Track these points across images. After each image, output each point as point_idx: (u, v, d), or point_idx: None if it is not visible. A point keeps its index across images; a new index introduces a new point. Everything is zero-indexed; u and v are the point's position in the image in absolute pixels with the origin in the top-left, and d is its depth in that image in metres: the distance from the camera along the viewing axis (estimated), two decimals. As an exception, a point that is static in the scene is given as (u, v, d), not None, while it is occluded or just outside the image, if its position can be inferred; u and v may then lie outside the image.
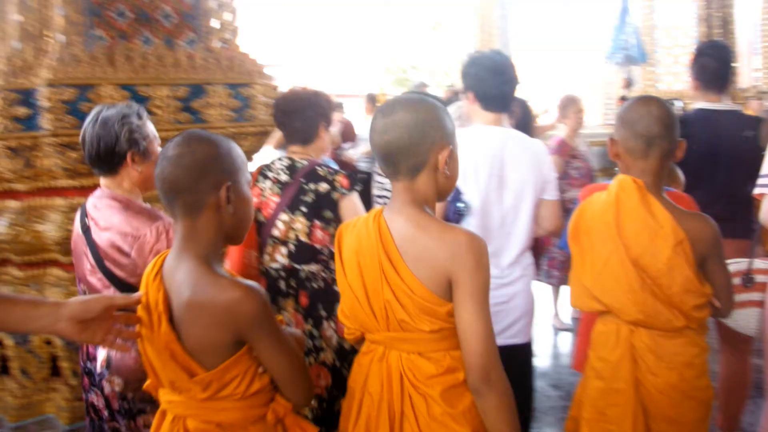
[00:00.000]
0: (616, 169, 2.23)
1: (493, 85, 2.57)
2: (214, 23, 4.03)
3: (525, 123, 4.33)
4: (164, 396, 1.64)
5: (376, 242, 1.64)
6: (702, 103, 3.38)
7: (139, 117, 2.25)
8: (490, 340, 1.58)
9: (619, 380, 2.07)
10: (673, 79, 7.59)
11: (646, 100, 2.15)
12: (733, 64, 3.40)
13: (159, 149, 2.29)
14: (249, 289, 1.53)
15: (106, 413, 2.24)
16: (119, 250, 2.15)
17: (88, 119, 2.24)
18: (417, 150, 1.62)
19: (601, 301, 2.09)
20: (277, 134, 5.35)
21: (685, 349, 2.07)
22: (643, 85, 7.40)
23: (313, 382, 1.71)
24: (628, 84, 6.15)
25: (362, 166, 7.03)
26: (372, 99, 8.21)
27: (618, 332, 2.09)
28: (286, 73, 14.69)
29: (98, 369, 2.21)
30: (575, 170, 5.08)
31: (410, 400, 1.64)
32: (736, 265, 2.69)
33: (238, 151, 1.65)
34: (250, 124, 3.94)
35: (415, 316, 1.61)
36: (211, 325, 1.52)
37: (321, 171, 2.75)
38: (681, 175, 2.70)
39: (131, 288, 2.09)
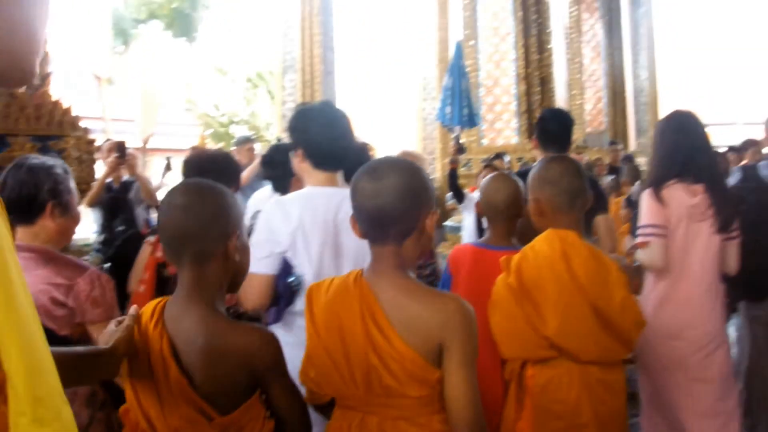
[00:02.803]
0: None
1: (325, 140, 2.35)
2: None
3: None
4: None
5: (360, 307, 1.61)
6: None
7: (65, 171, 2.25)
8: (478, 407, 1.59)
9: (580, 415, 2.19)
10: (496, 135, 7.99)
11: (561, 159, 2.40)
12: (570, 128, 3.64)
13: (79, 206, 2.30)
14: (265, 333, 1.61)
15: None
16: (53, 300, 2.10)
17: (10, 166, 2.21)
18: (409, 216, 1.61)
19: (561, 347, 2.17)
20: (91, 192, 4.90)
21: (621, 375, 2.27)
22: (466, 141, 7.72)
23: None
24: (461, 150, 6.37)
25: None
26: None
27: (570, 372, 2.20)
28: (100, 126, 13.87)
29: None
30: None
31: None
32: None
33: (237, 199, 1.69)
34: (63, 181, 3.51)
35: (404, 382, 1.58)
36: (229, 368, 1.55)
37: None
38: None
39: (62, 341, 2.07)
